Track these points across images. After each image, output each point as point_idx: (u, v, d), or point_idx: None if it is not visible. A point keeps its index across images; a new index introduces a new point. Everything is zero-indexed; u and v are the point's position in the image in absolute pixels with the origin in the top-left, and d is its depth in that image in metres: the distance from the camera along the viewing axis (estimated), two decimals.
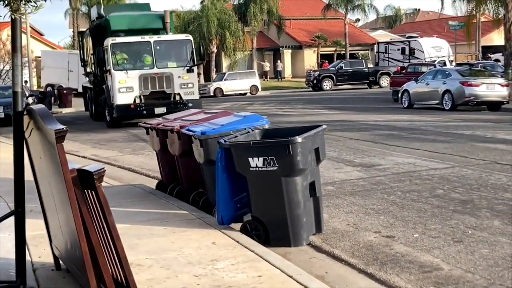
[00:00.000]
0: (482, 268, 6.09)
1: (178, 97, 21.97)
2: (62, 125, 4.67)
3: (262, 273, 5.74)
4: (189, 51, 22.67)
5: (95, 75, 25.61)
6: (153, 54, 21.94)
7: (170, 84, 21.78)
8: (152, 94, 21.71)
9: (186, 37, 23.71)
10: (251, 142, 7.11)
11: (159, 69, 21.87)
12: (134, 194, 9.68)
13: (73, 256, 5.04)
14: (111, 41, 21.58)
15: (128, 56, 22.23)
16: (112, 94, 21.81)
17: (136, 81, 21.46)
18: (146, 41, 22.09)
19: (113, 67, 21.56)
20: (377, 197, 9.20)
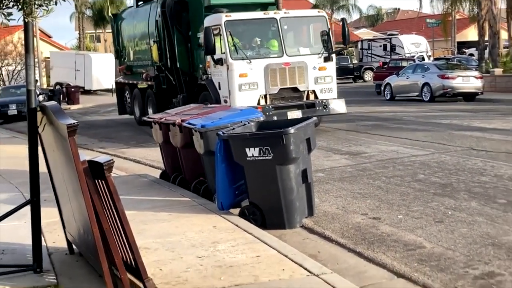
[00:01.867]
0: (462, 245, 6.12)
1: (312, 96, 14.67)
2: (73, 120, 4.67)
3: (260, 254, 5.75)
4: (325, 31, 15.13)
5: (160, 68, 17.78)
6: (280, 37, 14.42)
7: (303, 78, 14.44)
8: (281, 92, 14.41)
9: (319, 12, 16.02)
10: (247, 134, 7.12)
11: (289, 58, 14.39)
12: (139, 183, 9.66)
13: (86, 240, 5.04)
14: (226, 18, 14.07)
15: (247, 39, 14.79)
16: (227, 93, 14.28)
17: (261, 74, 14.06)
18: (271, 17, 14.64)
19: (230, 55, 13.98)
20: (363, 182, 9.22)
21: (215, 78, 14.73)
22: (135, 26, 20.03)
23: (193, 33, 16.29)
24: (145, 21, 18.79)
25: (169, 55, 17.01)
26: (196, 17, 16.13)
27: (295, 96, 14.56)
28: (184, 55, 16.69)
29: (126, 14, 21.72)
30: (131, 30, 20.58)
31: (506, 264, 5.54)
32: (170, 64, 17.11)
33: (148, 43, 18.59)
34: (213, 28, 14.08)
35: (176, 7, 16.61)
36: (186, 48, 16.66)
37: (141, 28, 19.32)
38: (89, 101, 35.48)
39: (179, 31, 16.67)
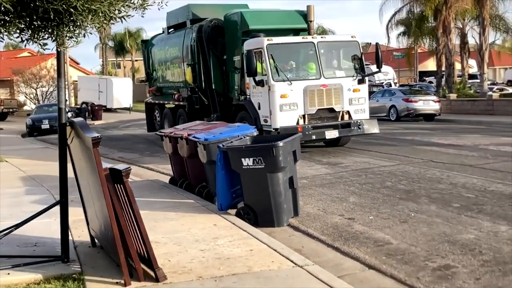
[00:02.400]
0: (423, 242, 6.11)
1: (347, 116, 13.36)
2: (97, 133, 4.66)
3: (253, 248, 5.72)
4: (357, 55, 13.91)
5: (194, 89, 16.34)
6: (318, 60, 13.21)
7: (339, 99, 13.22)
8: (318, 113, 13.11)
9: (353, 37, 14.22)
10: (243, 146, 7.11)
11: (326, 80, 13.20)
12: (152, 187, 9.62)
13: (106, 236, 5.01)
14: (268, 42, 12.81)
15: (286, 62, 13.46)
16: (267, 113, 12.92)
17: (300, 95, 12.81)
18: (309, 42, 13.31)
19: (272, 77, 12.68)
20: (340, 188, 9.20)
21: (254, 98, 13.37)
22: (167, 51, 18.51)
23: (228, 56, 15.04)
24: (178, 46, 17.38)
25: (204, 77, 15.70)
26: (232, 41, 14.78)
27: (331, 116, 13.22)
28: (219, 77, 15.42)
29: (156, 40, 19.92)
30: (162, 54, 19.03)
31: (459, 258, 5.53)
32: (204, 86, 15.77)
33: (181, 66, 17.21)
34: (255, 51, 12.82)
35: (212, 32, 15.38)
36: (221, 71, 15.38)
37: (174, 53, 17.85)
38: (110, 117, 35.39)
39: (215, 54, 15.38)
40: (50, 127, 25.65)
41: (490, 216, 7.00)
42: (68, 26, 3.80)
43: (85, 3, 3.49)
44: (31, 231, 6.16)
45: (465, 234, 6.29)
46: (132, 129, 26.07)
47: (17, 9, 3.48)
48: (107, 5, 3.58)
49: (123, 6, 3.81)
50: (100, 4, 3.55)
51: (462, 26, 35.32)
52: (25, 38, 3.81)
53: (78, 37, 3.89)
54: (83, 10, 3.52)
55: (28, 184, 10.47)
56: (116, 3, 3.69)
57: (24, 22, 3.59)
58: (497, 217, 6.92)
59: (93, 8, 3.55)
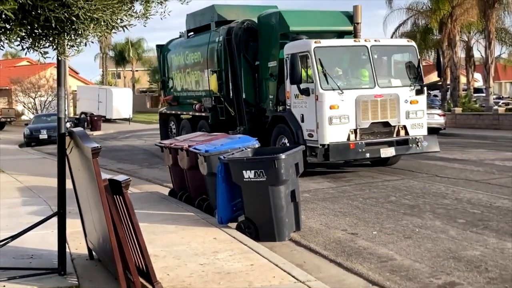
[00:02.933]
0: (427, 258, 6.08)
1: (403, 131, 11.80)
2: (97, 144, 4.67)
3: (254, 262, 5.70)
4: (414, 62, 12.32)
5: (219, 99, 14.71)
6: (371, 66, 11.65)
7: (395, 111, 11.59)
8: (372, 127, 11.48)
9: (409, 42, 12.83)
10: (245, 158, 7.11)
11: (381, 89, 11.58)
12: (151, 199, 9.61)
13: (104, 248, 4.99)
14: (315, 44, 11.29)
15: (336, 68, 11.87)
16: (313, 126, 11.33)
17: (351, 106, 11.19)
18: (362, 45, 11.79)
19: (320, 84, 11.11)
20: (343, 203, 9.18)
21: (296, 109, 11.81)
22: (187, 56, 16.87)
23: (262, 62, 13.46)
24: (201, 51, 15.75)
25: (231, 85, 14.10)
26: (268, 45, 13.20)
27: (386, 131, 11.63)
28: (250, 86, 13.83)
29: (174, 45, 18.22)
30: (180, 60, 17.36)
31: (464, 275, 5.50)
32: (232, 95, 14.15)
33: (204, 73, 15.69)
34: (300, 55, 11.37)
35: (244, 35, 13.72)
36: (252, 78, 13.79)
37: (195, 58, 16.26)
38: (110, 128, 35.45)
39: (246, 60, 13.75)
40: (48, 137, 25.71)
41: (496, 232, 6.98)
42: (69, 35, 3.82)
43: (87, 11, 3.51)
44: (28, 242, 6.15)
45: (470, 251, 6.26)
46: (131, 140, 26.08)
47: (18, 17, 3.51)
48: (110, 14, 3.60)
49: (125, 15, 3.84)
50: (103, 13, 3.57)
51: (468, 39, 35.47)
52: (25, 47, 3.83)
53: (79, 46, 3.91)
54: (85, 19, 3.54)
55: (25, 195, 10.47)
56: (118, 12, 3.71)
57: (25, 30, 3.61)
58: (504, 234, 6.89)
59: (95, 17, 3.57)
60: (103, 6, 3.58)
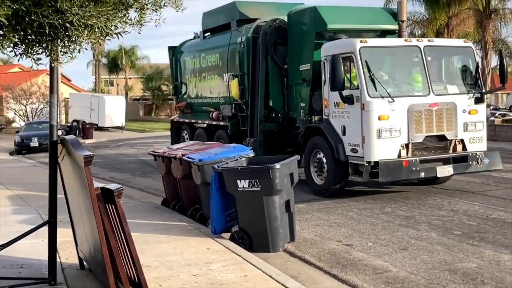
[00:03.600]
0: (423, 270, 6.09)
1: (460, 146, 10.25)
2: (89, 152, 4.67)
3: (247, 273, 5.69)
4: (472, 66, 10.81)
5: (241, 106, 13.39)
6: (425, 70, 10.10)
7: (452, 123, 10.07)
8: (425, 141, 9.95)
9: (466, 42, 11.12)
10: (239, 168, 7.12)
11: (437, 97, 10.03)
12: (143, 209, 9.59)
13: (96, 258, 4.98)
14: (361, 44, 9.80)
15: (384, 71, 10.41)
16: (357, 140, 9.81)
17: (403, 117, 9.70)
18: (414, 46, 10.25)
19: (367, 91, 9.59)
20: (338, 213, 9.19)
21: (336, 120, 10.30)
22: (203, 59, 15.50)
23: (292, 65, 12.07)
24: (219, 53, 14.42)
25: (249, 90, 12.91)
26: (300, 45, 11.81)
27: (441, 146, 10.14)
28: (279, 92, 12.53)
29: (188, 46, 16.89)
30: (195, 63, 15.99)
31: (460, 287, 5.52)
32: (249, 101, 12.96)
33: (223, 77, 14.33)
34: (342, 56, 9.85)
35: (274, 35, 12.46)
36: (281, 84, 12.52)
37: (212, 61, 14.90)
38: (102, 136, 35.37)
39: (275, 62, 12.47)
40: (39, 145, 25.62)
41: (492, 244, 7.00)
42: (63, 41, 3.83)
43: (82, 18, 3.52)
44: (18, 252, 6.12)
45: (466, 263, 6.28)
46: (124, 148, 26.03)
47: (11, 23, 3.52)
48: (104, 21, 3.61)
49: (120, 22, 3.85)
50: (97, 19, 3.59)
51: None
52: (18, 53, 3.83)
53: (72, 53, 3.92)
54: (79, 25, 3.55)
55: (16, 203, 10.42)
56: (113, 19, 3.72)
57: (18, 36, 3.61)
58: (500, 246, 6.91)
59: (89, 24, 3.58)
60: (98, 13, 3.59)
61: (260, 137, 12.55)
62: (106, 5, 3.62)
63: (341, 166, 10.17)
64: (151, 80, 58.10)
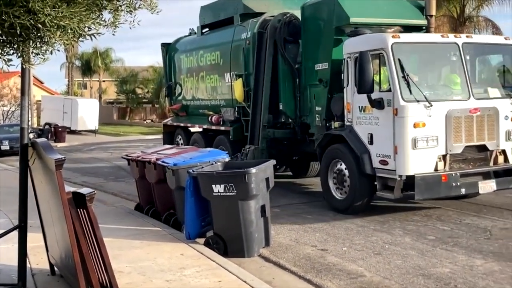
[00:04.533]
0: (397, 275, 6.15)
1: (501, 158, 9.06)
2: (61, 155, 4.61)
3: (222, 279, 5.68)
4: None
5: (245, 110, 12.37)
6: (464, 71, 8.92)
7: (493, 131, 8.90)
8: (464, 153, 8.74)
9: (507, 40, 9.66)
10: (214, 172, 7.10)
11: (477, 101, 8.83)
12: (116, 213, 9.50)
13: (67, 263, 4.91)
14: (393, 40, 8.57)
15: (418, 71, 9.32)
16: (388, 150, 8.57)
17: (441, 124, 8.51)
18: (451, 43, 9.03)
19: (401, 94, 8.38)
20: (313, 218, 9.21)
21: (361, 127, 9.08)
22: (201, 57, 14.34)
23: (306, 64, 10.91)
24: (220, 50, 13.36)
25: (253, 91, 11.88)
26: (316, 42, 10.61)
27: (481, 157, 8.95)
28: (291, 94, 11.43)
29: (183, 43, 15.74)
30: (192, 62, 14.83)
31: None
32: (251, 104, 11.95)
33: (224, 78, 13.27)
34: (371, 53, 8.63)
35: (284, 31, 11.37)
36: (293, 85, 11.40)
37: (212, 59, 13.78)
38: (74, 140, 34.95)
39: (286, 61, 11.41)
40: (10, 148, 25.19)
41: (465, 249, 7.10)
42: (35, 42, 3.78)
43: (54, 18, 3.48)
44: None
45: (440, 268, 6.35)
46: (97, 152, 25.75)
47: None
48: (77, 22, 3.58)
49: (93, 23, 3.82)
50: (70, 20, 3.55)
51: None
52: None
53: (45, 54, 3.87)
54: (51, 26, 3.51)
55: None
56: (86, 20, 3.69)
57: None
58: (473, 251, 7.02)
59: (62, 24, 3.54)
60: (71, 14, 3.55)
61: (262, 145, 11.50)
62: (79, 6, 3.59)
63: (367, 179, 8.96)
64: (126, 83, 57.65)
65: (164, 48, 16.52)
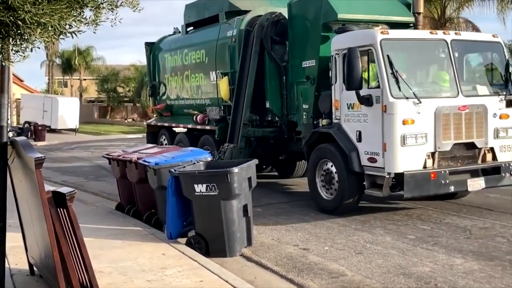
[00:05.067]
0: (378, 274, 6.19)
1: (490, 156, 9.02)
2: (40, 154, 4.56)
3: (203, 279, 5.66)
4: (501, 64, 9.60)
5: (228, 108, 12.29)
6: (453, 68, 8.94)
7: (482, 129, 8.91)
8: (453, 150, 8.72)
9: (495, 38, 9.64)
10: (196, 172, 7.08)
11: (466, 99, 8.84)
12: (97, 213, 9.43)
13: (46, 263, 4.86)
14: (382, 36, 8.57)
15: (407, 68, 9.14)
16: (377, 148, 8.50)
17: (430, 121, 8.50)
18: (439, 39, 9.02)
19: (390, 91, 8.34)
20: (296, 217, 9.24)
21: (349, 124, 9.02)
22: (185, 56, 14.26)
23: (293, 62, 10.90)
24: (206, 48, 13.29)
25: (236, 88, 11.75)
26: (303, 39, 10.59)
27: (469, 155, 8.91)
28: (277, 92, 11.38)
29: (168, 42, 15.68)
30: (177, 61, 14.71)
31: None
32: (236, 102, 11.80)
33: (209, 76, 13.22)
34: (360, 49, 8.56)
35: (271, 29, 11.34)
36: (280, 83, 11.36)
37: (197, 58, 13.71)
38: (54, 138, 34.60)
39: (272, 58, 11.40)
40: None
41: (445, 248, 7.17)
42: (14, 40, 3.73)
43: (34, 15, 3.44)
44: None
45: (420, 267, 6.41)
46: (77, 151, 25.53)
47: None
48: (58, 19, 3.54)
49: (74, 21, 3.78)
50: (50, 17, 3.51)
51: None
52: None
53: (25, 52, 3.82)
54: (31, 23, 3.47)
55: None
56: (67, 17, 3.65)
57: None
58: (453, 250, 7.09)
59: (42, 22, 3.50)
60: (51, 11, 3.51)
61: (241, 143, 11.39)
62: (60, 3, 3.55)
63: (356, 178, 8.89)
64: (107, 81, 57.25)
65: (148, 47, 16.43)
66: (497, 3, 24.77)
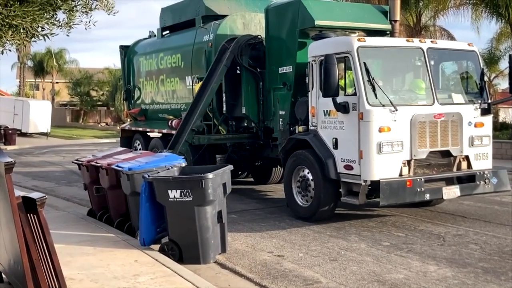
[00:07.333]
0: (352, 281, 6.23)
1: (465, 164, 9.16)
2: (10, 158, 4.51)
3: (177, 286, 5.64)
4: (476, 73, 9.75)
5: (207, 114, 12.19)
6: (429, 76, 9.01)
7: (457, 137, 9.02)
8: (429, 158, 8.81)
9: (470, 46, 9.71)
10: (170, 177, 7.05)
11: (441, 107, 8.94)
12: (68, 219, 9.32)
13: (15, 270, 4.79)
14: (359, 43, 8.61)
15: (383, 76, 9.19)
16: (354, 155, 8.54)
17: (406, 129, 8.57)
18: (416, 47, 9.09)
19: (367, 98, 8.39)
20: (270, 224, 9.26)
21: (326, 131, 9.07)
22: (161, 60, 14.23)
23: (270, 67, 11.00)
24: (181, 53, 13.32)
25: (225, 97, 11.85)
26: (280, 45, 10.73)
27: (444, 163, 9.01)
28: (254, 98, 11.44)
29: (143, 46, 15.58)
30: (152, 65, 14.68)
31: None
32: (226, 109, 11.91)
33: (185, 81, 13.19)
34: (337, 56, 8.56)
35: (246, 49, 11.50)
36: (256, 89, 11.45)
37: (173, 62, 13.70)
38: (25, 142, 34.11)
39: (248, 64, 11.50)
40: None
41: (419, 255, 7.25)
42: None
43: (6, 17, 3.41)
44: None
45: (394, 274, 6.47)
46: (48, 155, 25.19)
47: None
48: (30, 21, 3.51)
49: (47, 23, 3.76)
50: (22, 20, 3.48)
51: None
52: None
53: None
54: (3, 25, 3.44)
55: None
56: (39, 20, 3.63)
57: None
58: (427, 257, 7.17)
59: (14, 24, 3.47)
60: (23, 13, 3.48)
61: (182, 148, 11.26)
62: (32, 5, 3.53)
63: (332, 185, 8.92)
64: (80, 85, 56.65)
65: (123, 50, 16.34)
66: (471, 12, 25.21)
